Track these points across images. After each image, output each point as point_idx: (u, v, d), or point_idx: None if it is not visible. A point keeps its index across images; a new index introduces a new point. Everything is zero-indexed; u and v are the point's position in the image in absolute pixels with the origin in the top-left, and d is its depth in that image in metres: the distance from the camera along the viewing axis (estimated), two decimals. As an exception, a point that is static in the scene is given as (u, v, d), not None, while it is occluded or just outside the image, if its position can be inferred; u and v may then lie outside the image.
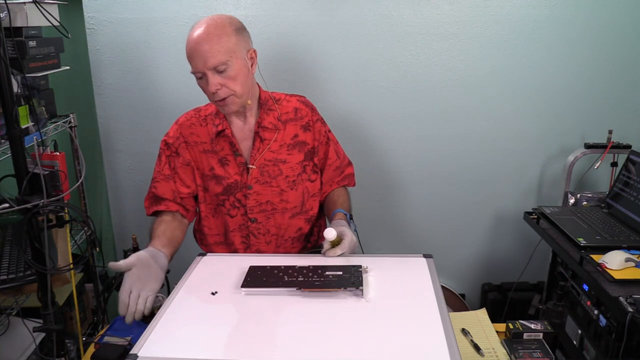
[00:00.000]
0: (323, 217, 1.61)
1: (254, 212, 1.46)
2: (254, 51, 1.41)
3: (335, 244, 1.30)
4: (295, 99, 1.52)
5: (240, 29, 1.37)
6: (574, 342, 1.67)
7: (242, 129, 1.46)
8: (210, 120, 1.48)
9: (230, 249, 1.51)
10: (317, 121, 1.51)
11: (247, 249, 1.49)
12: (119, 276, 1.43)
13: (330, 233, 1.27)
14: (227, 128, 1.44)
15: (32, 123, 1.52)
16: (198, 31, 1.30)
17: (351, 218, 1.48)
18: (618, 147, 2.05)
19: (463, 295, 2.38)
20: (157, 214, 1.48)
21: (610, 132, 2.06)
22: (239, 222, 1.47)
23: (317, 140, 1.50)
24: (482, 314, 1.42)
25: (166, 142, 1.50)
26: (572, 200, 2.05)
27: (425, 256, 1.32)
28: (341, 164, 1.57)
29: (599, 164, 2.05)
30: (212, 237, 1.52)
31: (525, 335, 1.27)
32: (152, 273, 1.22)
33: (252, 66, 1.40)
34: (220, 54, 1.30)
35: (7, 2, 1.40)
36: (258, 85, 1.50)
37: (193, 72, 1.34)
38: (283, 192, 1.46)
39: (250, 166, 1.44)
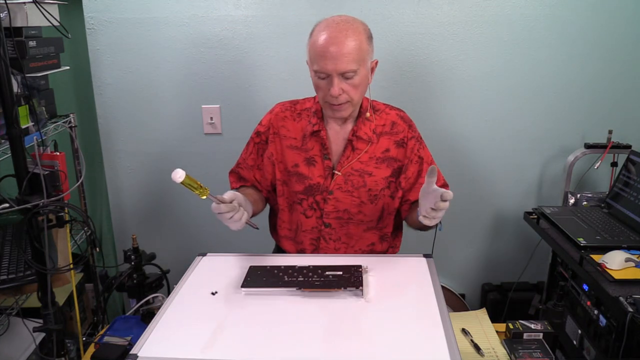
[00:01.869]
0: (399, 236, 1.57)
1: (329, 217, 1.44)
2: (376, 62, 1.39)
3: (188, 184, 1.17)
4: (394, 113, 1.48)
5: (371, 37, 1.35)
6: (574, 342, 1.67)
7: (337, 133, 1.43)
8: (305, 116, 1.46)
9: (298, 247, 1.49)
10: (412, 139, 1.45)
11: (315, 251, 1.47)
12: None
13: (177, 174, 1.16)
14: (323, 129, 1.42)
15: (32, 123, 1.52)
16: (334, 32, 1.27)
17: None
18: (618, 147, 2.05)
19: (463, 295, 2.38)
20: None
21: (610, 132, 2.06)
22: (313, 224, 1.45)
23: (408, 159, 1.44)
24: (482, 314, 1.42)
25: (258, 131, 1.49)
26: (572, 200, 2.05)
27: (425, 256, 1.32)
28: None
29: (599, 164, 2.05)
30: (283, 230, 1.51)
31: (525, 335, 1.27)
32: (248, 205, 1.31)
33: (371, 75, 1.38)
34: (354, 61, 1.27)
35: (7, 2, 1.40)
36: None
37: (316, 70, 1.30)
38: (362, 204, 1.43)
39: (336, 172, 1.42)
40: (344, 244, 1.46)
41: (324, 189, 1.43)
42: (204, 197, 1.17)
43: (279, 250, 1.57)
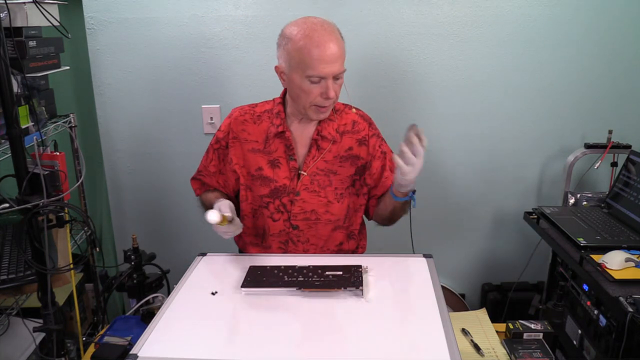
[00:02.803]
0: (364, 234, 1.58)
1: (297, 219, 1.43)
2: None
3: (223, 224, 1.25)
4: (354, 112, 1.49)
5: None
6: (574, 342, 1.67)
7: (301, 134, 1.43)
8: (266, 118, 1.45)
9: (266, 252, 1.48)
10: (373, 136, 1.47)
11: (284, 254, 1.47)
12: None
13: (212, 216, 1.19)
14: (287, 130, 1.42)
15: (32, 123, 1.52)
16: (324, 35, 1.28)
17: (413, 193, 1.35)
18: (618, 147, 2.05)
19: (463, 295, 2.38)
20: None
21: (610, 132, 2.06)
22: (280, 227, 1.44)
23: (371, 155, 1.46)
24: (482, 314, 1.42)
25: (217, 137, 1.50)
26: (572, 200, 2.05)
27: (425, 256, 1.32)
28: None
29: (599, 164, 2.05)
30: (248, 237, 1.51)
31: (525, 335, 1.27)
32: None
33: None
34: (344, 61, 1.31)
35: (7, 2, 1.40)
36: None
37: (309, 75, 1.29)
38: (329, 203, 1.43)
39: (302, 172, 1.42)
40: (313, 245, 1.46)
41: (291, 190, 1.42)
42: (225, 225, 1.25)
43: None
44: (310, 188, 1.42)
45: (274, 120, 1.43)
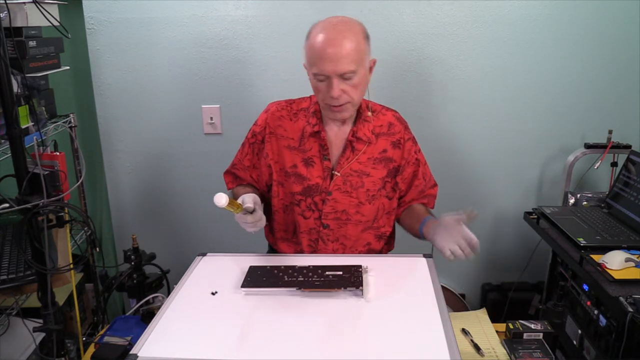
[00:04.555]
0: (393, 235, 1.58)
1: (328, 219, 1.43)
2: (374, 61, 1.38)
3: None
4: (390, 114, 1.49)
5: (368, 37, 1.34)
6: (574, 342, 1.67)
7: (336, 134, 1.43)
8: (302, 116, 1.45)
9: (297, 248, 1.49)
10: (409, 140, 1.47)
11: (314, 252, 1.47)
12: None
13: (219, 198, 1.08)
14: (323, 130, 1.41)
15: (32, 123, 1.52)
16: (332, 33, 1.27)
17: None
18: (618, 147, 2.05)
19: (463, 295, 2.38)
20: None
21: (610, 132, 2.06)
22: (311, 225, 1.44)
23: (405, 160, 1.46)
24: (482, 314, 1.42)
25: (253, 131, 1.49)
26: (572, 200, 2.05)
27: (425, 256, 1.32)
28: (425, 186, 1.53)
29: (599, 164, 2.05)
30: (279, 232, 1.51)
31: (525, 335, 1.27)
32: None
33: (369, 75, 1.38)
34: (353, 62, 1.26)
35: (7, 2, 1.40)
36: None
37: (315, 73, 1.29)
38: (361, 204, 1.43)
39: (335, 173, 1.42)
40: (342, 245, 1.46)
41: (323, 189, 1.42)
42: (239, 212, 1.19)
43: (274, 252, 1.57)
44: (342, 188, 1.42)
45: (310, 119, 1.43)
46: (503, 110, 2.17)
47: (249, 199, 1.24)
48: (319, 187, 1.42)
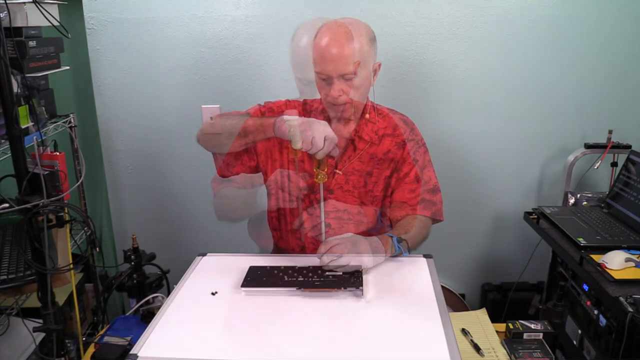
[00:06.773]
0: None
1: (329, 217, 1.41)
2: (379, 64, 1.40)
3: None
4: (398, 117, 1.48)
5: (373, 40, 1.35)
6: (574, 342, 1.67)
7: (339, 132, 1.42)
8: (314, 117, 1.43)
9: (300, 243, 1.47)
10: (412, 141, 1.46)
11: (316, 249, 1.41)
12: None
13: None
14: None
15: (32, 123, 1.52)
16: (335, 34, 1.28)
17: (401, 242, 1.30)
18: (618, 147, 2.05)
19: (463, 295, 2.38)
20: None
21: (610, 132, 2.06)
22: (313, 222, 1.43)
23: (403, 158, 1.45)
24: (482, 314, 1.42)
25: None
26: (572, 200, 2.05)
27: (425, 256, 1.32)
28: (421, 189, 1.47)
29: (599, 164, 2.05)
30: (289, 225, 1.49)
31: (525, 335, 1.27)
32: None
33: (373, 78, 1.38)
34: (354, 63, 1.27)
35: (7, 2, 1.40)
36: None
37: (317, 72, 1.31)
38: (362, 204, 1.43)
39: (337, 171, 1.42)
40: None
41: (325, 187, 1.42)
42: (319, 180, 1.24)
43: (279, 250, 1.57)
44: (344, 187, 1.42)
45: (317, 117, 1.43)
46: (503, 110, 2.17)
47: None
48: (322, 185, 1.42)
